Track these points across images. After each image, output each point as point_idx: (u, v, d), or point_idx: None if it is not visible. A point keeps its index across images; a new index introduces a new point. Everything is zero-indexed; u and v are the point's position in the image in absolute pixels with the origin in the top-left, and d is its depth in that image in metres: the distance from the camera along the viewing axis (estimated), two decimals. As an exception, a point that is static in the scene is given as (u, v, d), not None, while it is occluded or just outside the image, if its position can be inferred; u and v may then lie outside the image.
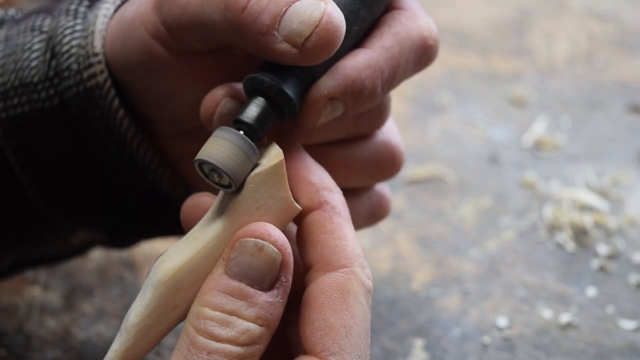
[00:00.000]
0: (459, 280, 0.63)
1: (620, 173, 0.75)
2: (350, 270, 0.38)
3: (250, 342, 0.36)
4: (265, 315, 0.36)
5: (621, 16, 1.08)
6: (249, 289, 0.37)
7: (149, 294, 0.38)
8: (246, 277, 0.37)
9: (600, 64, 0.96)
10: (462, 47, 1.01)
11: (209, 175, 0.39)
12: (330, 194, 0.40)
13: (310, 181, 0.40)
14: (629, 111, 0.86)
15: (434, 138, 0.82)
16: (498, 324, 0.58)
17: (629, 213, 0.70)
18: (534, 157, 0.78)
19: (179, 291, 0.38)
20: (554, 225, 0.68)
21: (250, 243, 0.37)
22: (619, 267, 0.64)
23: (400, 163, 0.49)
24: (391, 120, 0.49)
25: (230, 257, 0.37)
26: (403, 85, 0.46)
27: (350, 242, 0.39)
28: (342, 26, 0.39)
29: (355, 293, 0.38)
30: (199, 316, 0.36)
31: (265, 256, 0.37)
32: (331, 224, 0.39)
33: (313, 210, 0.39)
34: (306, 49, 0.39)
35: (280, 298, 0.37)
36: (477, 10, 1.11)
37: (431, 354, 0.56)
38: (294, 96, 0.40)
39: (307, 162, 0.40)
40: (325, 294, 0.37)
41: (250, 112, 0.40)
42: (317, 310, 0.37)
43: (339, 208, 0.39)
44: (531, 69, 0.95)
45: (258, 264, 0.37)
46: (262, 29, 0.39)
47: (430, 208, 0.71)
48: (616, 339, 0.57)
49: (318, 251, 0.39)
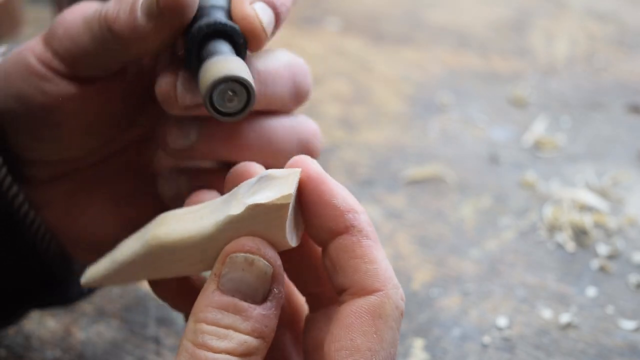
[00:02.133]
0: (459, 280, 0.63)
1: (620, 173, 0.75)
2: (384, 293, 0.37)
3: (248, 353, 0.36)
4: (260, 328, 0.36)
5: (621, 16, 1.08)
6: (243, 304, 0.37)
7: (140, 244, 0.39)
8: (239, 292, 0.37)
9: (600, 64, 0.96)
10: (462, 47, 1.01)
11: (219, 100, 0.38)
12: (356, 216, 0.38)
13: (335, 205, 0.38)
14: (629, 111, 0.86)
15: (433, 138, 0.82)
16: (498, 324, 0.58)
17: (629, 213, 0.70)
18: (533, 157, 0.79)
19: (166, 255, 0.39)
20: (554, 225, 0.68)
21: (240, 258, 0.37)
22: (619, 267, 0.64)
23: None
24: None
25: (221, 272, 0.37)
26: (403, 85, 0.46)
27: (381, 264, 0.38)
28: None
29: (386, 317, 0.37)
30: (197, 332, 0.36)
31: (257, 270, 0.37)
32: (360, 247, 0.38)
33: (340, 235, 0.38)
34: (162, 7, 0.40)
35: (274, 310, 0.37)
36: (477, 10, 1.11)
37: (431, 354, 0.56)
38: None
39: (330, 184, 0.39)
40: (356, 315, 0.37)
41: (224, 48, 0.40)
42: (346, 330, 0.37)
43: (366, 230, 0.38)
44: (531, 69, 0.95)
45: (250, 278, 0.37)
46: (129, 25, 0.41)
47: (430, 208, 0.71)
48: (616, 339, 0.57)
49: (350, 276, 0.38)
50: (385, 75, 0.94)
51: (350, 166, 0.77)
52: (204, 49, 0.40)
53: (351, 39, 1.03)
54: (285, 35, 1.04)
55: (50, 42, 0.44)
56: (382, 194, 0.73)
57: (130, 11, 0.41)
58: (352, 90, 0.91)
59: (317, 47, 1.01)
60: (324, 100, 0.89)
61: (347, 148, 0.80)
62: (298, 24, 1.06)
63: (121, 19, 0.41)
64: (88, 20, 0.43)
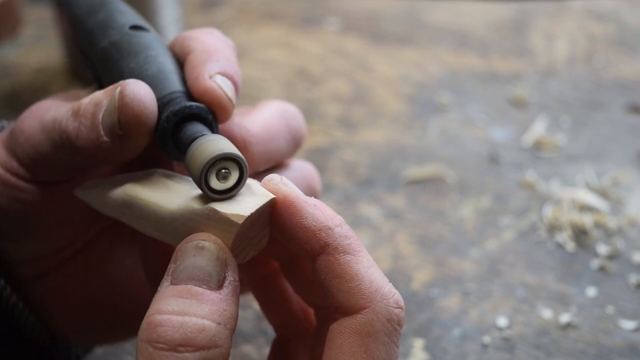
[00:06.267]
0: (459, 280, 0.63)
1: (620, 173, 0.75)
2: (371, 309, 0.36)
3: (210, 343, 0.34)
4: (219, 311, 0.34)
5: (621, 16, 1.08)
6: (197, 288, 0.35)
7: (121, 187, 0.41)
8: (192, 279, 0.35)
9: (600, 64, 0.96)
10: (462, 47, 1.01)
11: (211, 178, 0.38)
12: (329, 233, 0.37)
13: (304, 226, 0.37)
14: (629, 111, 0.86)
15: (433, 138, 0.82)
16: (498, 324, 0.58)
17: (629, 213, 0.70)
18: (533, 157, 0.78)
19: (134, 208, 0.40)
20: (554, 225, 0.68)
21: (190, 246, 0.36)
22: (619, 267, 0.64)
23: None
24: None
25: (173, 268, 0.36)
26: (403, 85, 0.46)
27: (364, 278, 0.36)
28: (140, 89, 0.39)
29: (376, 334, 0.36)
30: (150, 325, 0.34)
31: (208, 253, 0.36)
32: (339, 266, 0.37)
33: (318, 255, 0.37)
34: (126, 129, 0.39)
35: (231, 296, 0.35)
36: (477, 10, 1.11)
37: (431, 354, 0.56)
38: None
39: (298, 205, 0.38)
40: (345, 335, 0.36)
41: (200, 128, 0.40)
42: (336, 351, 0.36)
43: (342, 245, 0.37)
44: (531, 69, 0.95)
45: (202, 262, 0.35)
46: (91, 140, 0.40)
47: (430, 208, 0.71)
48: (616, 339, 0.57)
49: (335, 296, 0.37)
50: (385, 75, 0.94)
51: (350, 166, 0.77)
52: (179, 136, 0.41)
53: (351, 39, 1.03)
54: (285, 35, 1.04)
55: (13, 150, 0.43)
56: (382, 194, 0.73)
57: (92, 127, 0.40)
58: (352, 90, 0.91)
59: (317, 47, 1.01)
60: (323, 100, 0.89)
61: (346, 148, 0.80)
62: (298, 24, 1.06)
63: (84, 135, 0.40)
64: (47, 130, 0.42)
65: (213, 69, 0.42)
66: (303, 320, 0.44)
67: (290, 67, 0.96)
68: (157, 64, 0.42)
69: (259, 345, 0.56)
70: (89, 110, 0.40)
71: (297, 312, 0.44)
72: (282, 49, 1.00)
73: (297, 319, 0.44)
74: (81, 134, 0.40)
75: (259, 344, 0.56)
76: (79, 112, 0.41)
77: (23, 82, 0.92)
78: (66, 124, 0.41)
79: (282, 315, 0.44)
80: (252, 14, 1.10)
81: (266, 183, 0.38)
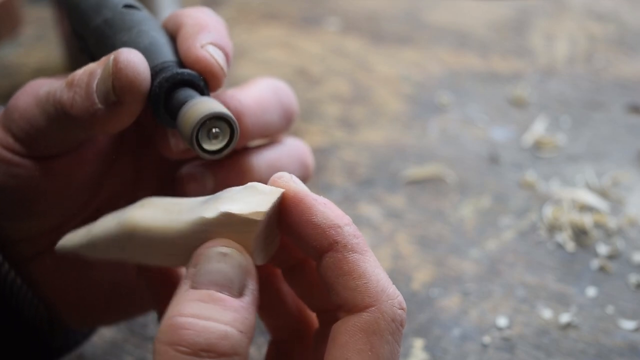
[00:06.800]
0: (459, 280, 0.63)
1: (620, 173, 0.75)
2: (377, 308, 0.36)
3: (231, 351, 0.34)
4: (241, 318, 0.34)
5: (621, 16, 1.08)
6: (220, 294, 0.35)
7: (116, 222, 0.38)
8: (215, 284, 0.35)
9: (600, 64, 0.96)
10: (462, 47, 1.01)
11: (203, 138, 0.39)
12: (339, 231, 0.37)
13: (314, 223, 0.37)
14: (629, 111, 0.86)
15: (433, 138, 0.82)
16: (498, 324, 0.58)
17: (629, 213, 0.70)
18: (533, 157, 0.78)
19: (137, 240, 0.38)
20: (554, 225, 0.68)
21: (213, 251, 0.36)
22: (619, 267, 0.64)
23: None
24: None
25: (194, 272, 0.35)
26: (403, 85, 0.47)
27: (371, 277, 0.37)
28: (134, 56, 0.40)
29: (381, 332, 0.36)
30: (172, 327, 0.33)
31: (231, 260, 0.36)
32: (347, 263, 0.37)
33: (325, 252, 0.37)
34: (120, 94, 0.40)
35: (252, 305, 0.35)
36: (477, 10, 1.11)
37: (431, 354, 0.56)
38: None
39: (308, 202, 0.38)
40: (350, 333, 0.36)
41: (191, 93, 0.41)
42: (341, 349, 0.36)
43: (351, 244, 0.37)
44: (531, 69, 0.95)
45: (225, 268, 0.35)
46: (86, 108, 0.41)
47: (430, 208, 0.71)
48: (616, 339, 0.57)
49: (341, 294, 0.37)
50: (385, 75, 0.94)
51: (350, 166, 0.77)
52: (171, 102, 0.41)
53: (351, 39, 1.03)
54: (285, 35, 1.04)
55: (7, 126, 0.44)
56: (382, 193, 0.73)
57: (86, 96, 0.41)
58: (352, 90, 0.91)
59: (317, 47, 1.01)
60: (323, 100, 0.89)
61: (347, 148, 0.80)
62: (298, 24, 1.06)
63: (78, 104, 0.41)
64: (42, 103, 0.43)
65: (205, 40, 0.43)
66: (299, 321, 0.44)
67: (290, 67, 0.96)
68: (150, 37, 0.43)
69: (259, 345, 0.56)
70: (83, 79, 0.41)
71: (294, 313, 0.44)
72: (282, 49, 1.00)
73: (293, 319, 0.44)
74: (75, 103, 0.41)
75: (258, 344, 0.56)
76: (73, 82, 0.42)
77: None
78: (60, 94, 0.42)
79: (277, 316, 0.44)
80: (252, 14, 1.10)
81: (276, 180, 0.38)
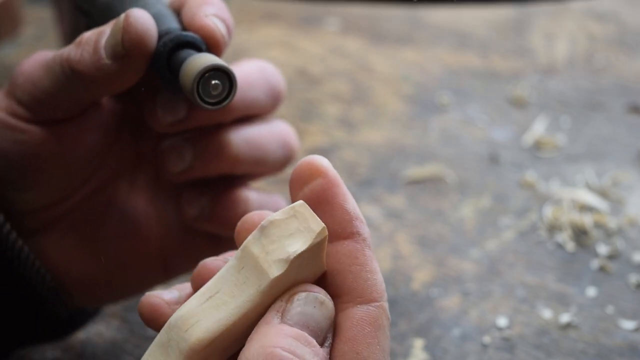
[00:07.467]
0: (459, 280, 0.63)
1: (620, 173, 0.75)
2: (380, 304, 0.38)
3: None
4: None
5: (621, 16, 1.08)
6: (311, 338, 0.35)
7: (176, 357, 0.36)
8: (307, 328, 0.36)
9: (600, 64, 0.96)
10: (462, 47, 1.01)
11: (205, 90, 0.41)
12: (362, 225, 0.38)
13: (346, 210, 0.38)
14: (629, 111, 0.86)
15: (433, 138, 0.82)
16: (498, 324, 0.58)
17: (629, 213, 0.70)
18: (533, 157, 0.78)
19: (208, 358, 0.36)
20: (554, 225, 0.68)
21: (312, 296, 0.36)
22: (619, 267, 0.64)
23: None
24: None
25: (287, 309, 0.36)
26: (403, 85, 0.47)
27: (379, 275, 0.38)
28: (144, 14, 0.43)
29: (384, 328, 0.37)
30: (270, 356, 0.34)
31: (326, 311, 0.36)
32: (363, 256, 0.38)
33: (344, 240, 0.38)
34: (128, 48, 0.42)
35: (328, 356, 0.36)
36: (477, 10, 1.11)
37: (431, 354, 0.56)
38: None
39: (344, 188, 0.39)
40: (359, 327, 0.37)
41: (193, 52, 0.44)
42: (350, 343, 0.37)
43: (369, 241, 0.39)
44: (531, 69, 0.95)
45: (319, 316, 0.36)
46: (94, 65, 0.42)
47: (430, 208, 0.71)
48: (616, 339, 0.57)
49: (349, 282, 0.38)
50: (385, 75, 0.94)
51: (350, 166, 0.77)
52: (173, 61, 0.44)
53: (351, 39, 1.03)
54: (285, 35, 1.04)
55: (12, 92, 0.45)
56: (382, 194, 0.73)
57: (94, 52, 0.42)
58: (352, 90, 0.91)
59: (317, 47, 1.01)
60: (323, 100, 0.89)
61: (347, 148, 0.80)
62: (298, 24, 1.06)
63: (85, 59, 0.42)
64: (48, 65, 0.44)
65: (209, 11, 0.45)
66: None
67: (290, 67, 0.96)
68: (156, 8, 0.46)
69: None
70: (92, 38, 0.43)
71: None
72: (282, 49, 1.00)
73: None
74: (83, 59, 0.43)
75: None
76: (81, 42, 0.43)
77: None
78: (68, 53, 0.43)
79: None
80: (252, 14, 1.10)
81: (313, 161, 0.38)
